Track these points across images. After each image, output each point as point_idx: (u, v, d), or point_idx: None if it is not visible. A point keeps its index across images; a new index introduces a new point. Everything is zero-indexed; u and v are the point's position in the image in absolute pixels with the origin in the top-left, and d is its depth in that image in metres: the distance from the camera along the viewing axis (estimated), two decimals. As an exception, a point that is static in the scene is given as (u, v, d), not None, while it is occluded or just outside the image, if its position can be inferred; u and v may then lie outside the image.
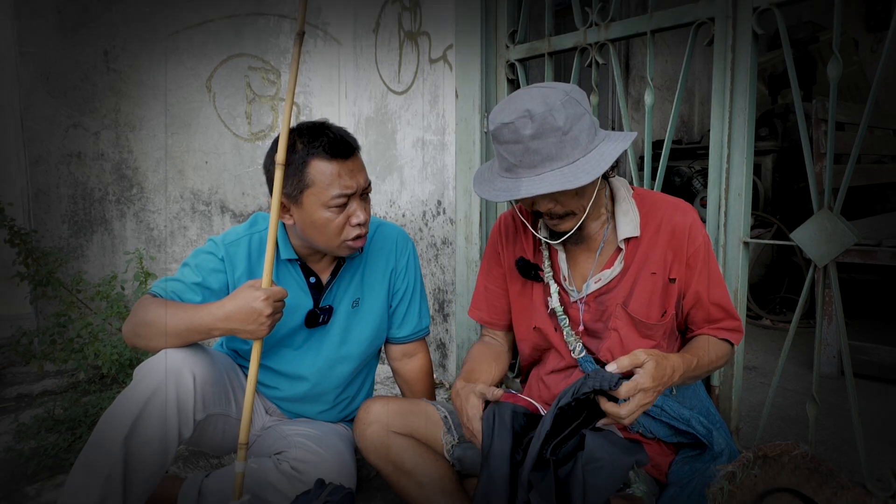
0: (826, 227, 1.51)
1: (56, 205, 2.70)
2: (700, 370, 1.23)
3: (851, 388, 1.53)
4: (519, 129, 1.14)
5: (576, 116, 1.15)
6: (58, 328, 2.43)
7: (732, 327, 1.34)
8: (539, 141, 1.14)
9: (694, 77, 5.19)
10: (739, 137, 1.63)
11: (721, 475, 1.07)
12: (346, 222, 1.39)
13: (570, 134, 1.14)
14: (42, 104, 2.64)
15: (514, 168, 1.18)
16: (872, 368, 2.50)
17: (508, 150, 1.18)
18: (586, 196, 1.25)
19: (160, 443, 1.29)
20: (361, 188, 1.40)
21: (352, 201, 1.39)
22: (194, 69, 2.86)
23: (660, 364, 1.11)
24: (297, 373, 1.56)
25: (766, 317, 3.57)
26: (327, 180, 1.35)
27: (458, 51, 2.39)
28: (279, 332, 1.51)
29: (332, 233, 1.39)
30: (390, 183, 2.88)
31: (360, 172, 1.41)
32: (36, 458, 1.90)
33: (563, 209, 1.24)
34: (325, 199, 1.35)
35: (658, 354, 1.12)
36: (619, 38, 1.91)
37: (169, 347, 1.33)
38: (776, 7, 1.55)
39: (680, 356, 1.18)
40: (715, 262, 1.33)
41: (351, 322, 1.58)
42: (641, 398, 1.07)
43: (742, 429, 1.78)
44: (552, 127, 1.13)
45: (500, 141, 1.19)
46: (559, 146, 1.14)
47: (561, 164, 1.15)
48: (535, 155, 1.15)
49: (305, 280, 1.52)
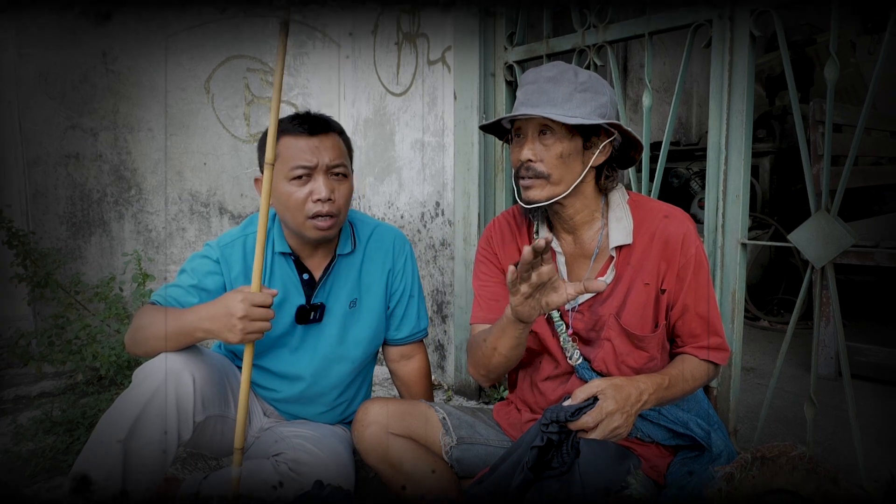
0: (823, 228, 1.52)
1: (54, 206, 2.70)
2: (674, 390, 1.22)
3: (849, 390, 1.54)
4: (542, 70, 1.25)
5: (595, 89, 1.23)
6: (56, 330, 2.43)
7: (716, 345, 1.30)
8: (553, 84, 1.22)
9: (692, 79, 5.20)
10: (737, 139, 1.63)
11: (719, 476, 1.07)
12: (307, 197, 1.39)
13: (583, 94, 1.21)
14: (40, 105, 2.64)
15: (519, 106, 1.25)
16: (870, 370, 2.50)
17: (524, 90, 1.26)
18: (569, 167, 1.24)
19: (160, 445, 1.29)
20: (325, 165, 1.40)
21: (315, 177, 1.40)
22: (193, 70, 2.86)
23: (620, 388, 1.12)
24: (294, 373, 1.56)
25: (764, 318, 3.57)
26: (290, 153, 1.39)
27: (456, 52, 2.40)
28: (273, 332, 1.50)
29: (294, 207, 1.40)
30: (389, 184, 2.88)
31: (328, 151, 1.41)
32: (34, 459, 1.89)
33: (543, 167, 1.23)
34: (286, 170, 1.39)
35: (619, 379, 1.14)
36: (616, 40, 1.91)
37: (168, 351, 1.34)
38: (773, 9, 1.55)
39: (647, 377, 1.19)
40: (707, 276, 1.29)
41: (348, 322, 1.58)
42: (608, 423, 1.09)
43: (740, 430, 1.78)
44: (570, 78, 1.22)
45: (521, 84, 1.28)
46: (567, 97, 1.21)
47: (559, 111, 1.20)
48: (543, 95, 1.22)
49: (299, 276, 1.53)
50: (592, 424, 1.08)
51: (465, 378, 2.49)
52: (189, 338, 1.32)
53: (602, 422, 1.08)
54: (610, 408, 1.09)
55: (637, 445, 1.32)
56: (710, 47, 1.67)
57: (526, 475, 1.10)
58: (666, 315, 1.30)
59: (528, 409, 1.45)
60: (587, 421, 1.08)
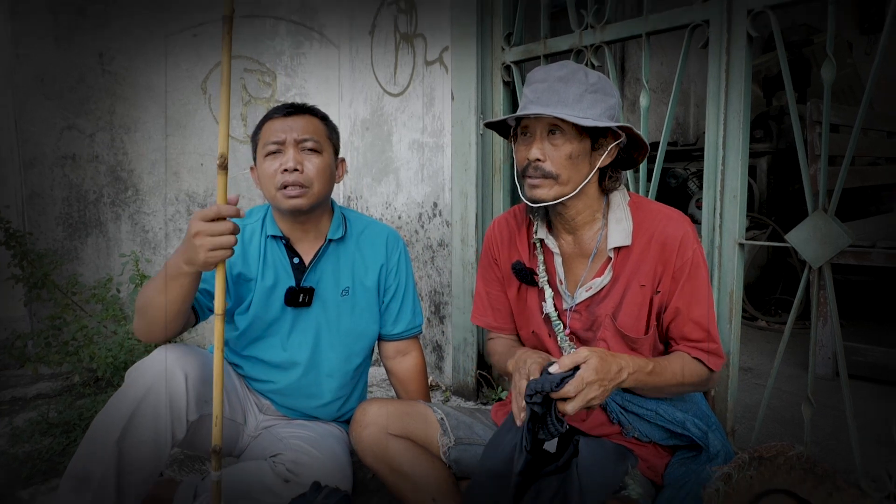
0: (821, 228, 1.52)
1: (51, 207, 2.69)
2: (658, 378, 1.19)
3: (846, 389, 1.54)
4: (552, 69, 1.23)
5: (605, 90, 1.23)
6: (52, 331, 2.42)
7: (710, 349, 1.28)
8: (564, 84, 1.20)
9: (689, 79, 5.21)
10: (734, 139, 1.63)
11: (717, 476, 1.07)
12: (277, 170, 1.48)
13: (593, 96, 1.21)
14: (37, 106, 2.63)
15: (529, 105, 1.23)
16: (867, 369, 2.51)
17: (533, 88, 1.24)
18: (577, 167, 1.24)
19: (153, 444, 1.29)
20: (294, 140, 1.48)
21: (286, 151, 1.48)
22: (190, 71, 2.86)
23: (604, 359, 1.10)
24: (289, 359, 1.57)
25: (762, 318, 3.58)
26: (267, 133, 1.51)
27: (454, 53, 2.40)
28: (266, 318, 1.54)
29: (267, 180, 1.49)
30: (386, 185, 2.88)
31: (298, 128, 1.50)
32: (30, 461, 1.89)
33: (550, 166, 1.23)
34: (262, 147, 1.50)
35: (603, 351, 1.12)
36: (614, 41, 1.92)
37: (169, 309, 1.30)
38: (770, 10, 1.55)
39: (631, 357, 1.16)
40: (704, 280, 1.28)
41: (341, 310, 1.60)
42: (587, 392, 1.06)
43: (738, 430, 1.78)
44: (581, 79, 1.21)
45: (529, 82, 1.26)
46: (579, 98, 1.20)
47: (571, 112, 1.19)
48: (554, 95, 1.20)
49: (289, 260, 1.56)
50: (573, 393, 1.05)
51: (463, 379, 2.49)
52: (177, 280, 1.28)
53: (581, 391, 1.06)
54: (590, 377, 1.06)
55: (635, 445, 1.32)
56: (707, 48, 1.67)
57: (526, 457, 1.09)
58: (658, 317, 1.30)
59: (526, 409, 1.45)
60: (568, 390, 1.05)
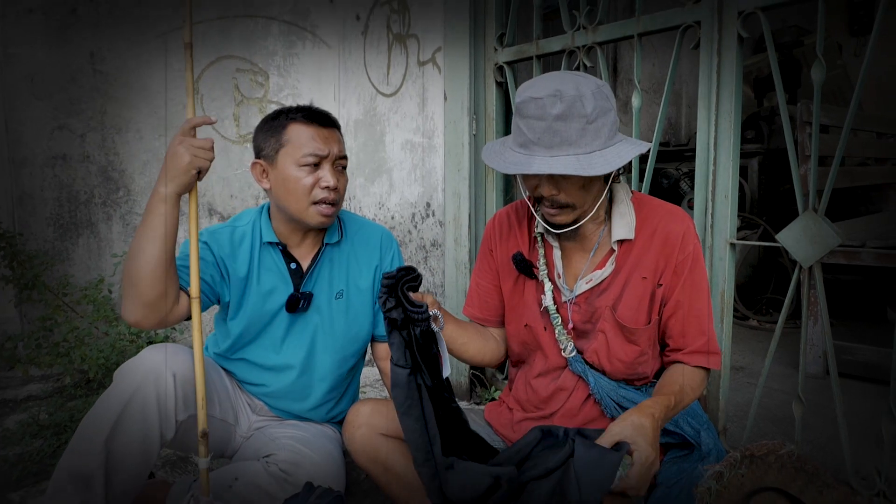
0: (811, 228, 1.53)
1: (41, 207, 2.67)
2: (679, 407, 1.22)
3: (836, 388, 1.55)
4: (546, 106, 1.14)
5: (603, 110, 1.16)
6: (43, 332, 2.41)
7: (708, 349, 1.30)
8: (563, 123, 1.14)
9: (681, 80, 5.23)
10: (725, 140, 1.64)
11: (708, 475, 1.07)
12: (315, 184, 1.45)
13: (595, 124, 1.15)
14: (27, 106, 2.61)
15: (530, 144, 1.18)
16: (857, 368, 2.53)
17: (530, 125, 1.17)
18: (591, 192, 1.24)
19: (142, 444, 1.28)
20: (335, 156, 1.48)
21: (323, 165, 1.46)
22: (182, 71, 2.85)
23: (642, 427, 1.09)
24: (283, 363, 1.57)
25: (753, 317, 3.60)
26: (302, 140, 1.45)
27: (446, 53, 2.40)
28: (261, 322, 1.53)
29: (301, 193, 1.44)
30: (379, 185, 2.88)
31: (336, 143, 1.49)
32: (21, 463, 1.87)
33: (565, 198, 1.23)
34: (298, 156, 1.44)
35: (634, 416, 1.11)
36: (606, 42, 1.92)
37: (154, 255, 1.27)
38: (761, 11, 1.56)
39: (654, 402, 1.17)
40: (703, 275, 1.30)
41: (335, 313, 1.60)
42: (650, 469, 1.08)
43: (729, 429, 1.79)
44: (579, 112, 1.14)
45: (523, 115, 1.18)
46: (581, 133, 1.15)
47: (578, 151, 1.15)
48: (555, 136, 1.15)
49: (286, 266, 1.55)
50: (639, 480, 1.06)
51: (457, 379, 2.49)
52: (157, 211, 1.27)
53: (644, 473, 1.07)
54: (648, 455, 1.07)
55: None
56: (698, 49, 1.68)
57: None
58: (659, 311, 1.32)
59: (520, 408, 1.45)
60: (631, 484, 1.05)
